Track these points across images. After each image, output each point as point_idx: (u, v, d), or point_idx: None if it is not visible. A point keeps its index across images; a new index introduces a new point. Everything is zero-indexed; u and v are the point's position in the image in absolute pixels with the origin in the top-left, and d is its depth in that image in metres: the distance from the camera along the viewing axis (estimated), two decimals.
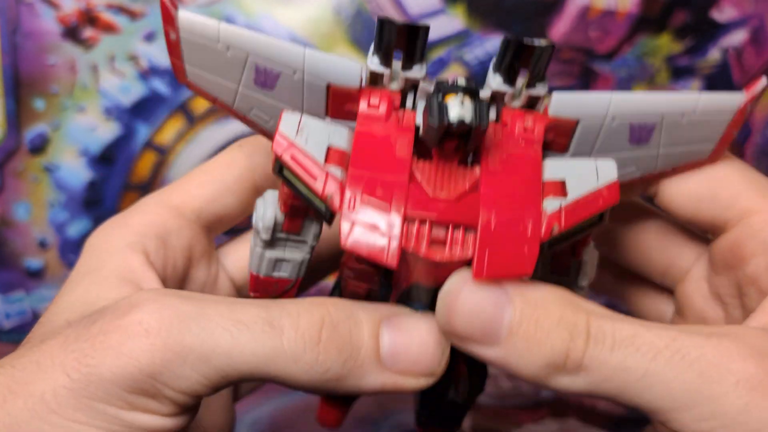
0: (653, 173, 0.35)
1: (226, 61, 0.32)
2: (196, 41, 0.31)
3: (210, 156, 0.74)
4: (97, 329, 0.30)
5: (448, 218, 0.30)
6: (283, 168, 0.31)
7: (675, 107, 0.32)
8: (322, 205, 0.31)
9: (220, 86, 0.32)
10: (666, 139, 0.33)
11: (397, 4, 0.71)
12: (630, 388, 0.29)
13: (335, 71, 0.32)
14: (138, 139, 0.71)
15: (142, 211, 0.39)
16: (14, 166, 0.72)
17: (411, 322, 0.32)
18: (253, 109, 0.33)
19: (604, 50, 0.72)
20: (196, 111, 0.72)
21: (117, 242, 0.37)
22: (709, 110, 0.32)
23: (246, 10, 0.71)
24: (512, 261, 0.29)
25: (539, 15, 0.71)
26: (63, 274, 0.73)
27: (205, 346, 0.29)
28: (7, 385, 0.30)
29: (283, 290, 0.37)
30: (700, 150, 0.34)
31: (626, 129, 0.33)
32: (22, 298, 0.73)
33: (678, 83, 0.72)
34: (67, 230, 0.72)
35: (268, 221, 0.34)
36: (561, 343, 0.30)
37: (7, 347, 0.75)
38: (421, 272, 0.31)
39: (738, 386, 0.28)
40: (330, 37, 0.71)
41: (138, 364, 0.29)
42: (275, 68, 0.31)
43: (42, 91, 0.71)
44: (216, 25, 0.32)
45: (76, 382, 0.29)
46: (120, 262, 0.36)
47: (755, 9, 0.71)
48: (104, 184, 0.72)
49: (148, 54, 0.71)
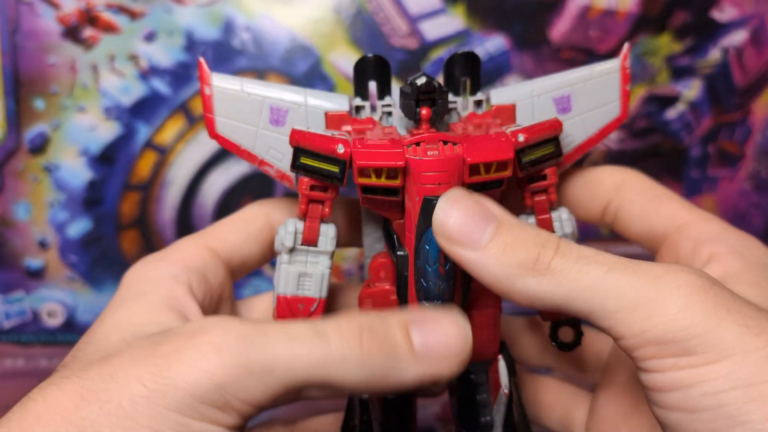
0: (587, 139, 0.44)
1: (248, 106, 0.41)
2: (224, 92, 0.41)
3: (210, 156, 0.74)
4: (169, 348, 0.34)
5: (437, 138, 0.38)
6: (299, 159, 0.38)
7: (579, 77, 0.43)
8: (336, 168, 0.38)
9: (243, 131, 0.41)
10: (583, 105, 0.43)
11: (397, 3, 0.71)
12: (587, 292, 0.34)
13: (329, 102, 0.42)
14: (138, 139, 0.71)
15: (182, 250, 0.43)
16: (14, 166, 0.72)
17: (434, 317, 0.36)
18: (270, 150, 0.42)
19: (605, 50, 0.72)
20: (196, 111, 0.72)
21: (161, 273, 0.41)
22: (602, 72, 0.43)
23: (246, 10, 0.71)
24: (495, 151, 0.37)
25: (539, 15, 0.71)
26: (63, 274, 0.73)
27: (268, 358, 0.33)
28: (79, 393, 0.33)
29: (309, 311, 0.41)
30: (611, 109, 0.44)
31: (551, 102, 0.43)
32: (22, 298, 0.73)
33: (678, 83, 0.72)
34: (67, 230, 0.72)
35: (290, 227, 0.41)
36: (533, 249, 0.35)
37: (7, 347, 0.75)
38: (423, 185, 0.37)
39: (680, 289, 0.33)
40: (330, 37, 0.71)
41: (211, 377, 0.33)
42: (284, 106, 0.41)
43: (42, 91, 0.71)
44: (239, 79, 0.42)
45: (153, 392, 0.33)
46: (165, 291, 0.40)
47: (755, 9, 0.71)
48: (104, 184, 0.72)
49: (148, 54, 0.71)
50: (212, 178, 0.72)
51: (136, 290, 0.40)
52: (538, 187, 0.42)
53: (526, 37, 0.72)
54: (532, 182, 0.42)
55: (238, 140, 0.42)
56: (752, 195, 0.74)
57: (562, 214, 0.43)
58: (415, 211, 0.38)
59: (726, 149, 0.73)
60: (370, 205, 0.40)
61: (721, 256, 0.41)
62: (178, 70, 0.71)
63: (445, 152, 0.37)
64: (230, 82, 0.41)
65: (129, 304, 0.39)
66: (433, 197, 0.37)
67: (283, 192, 0.73)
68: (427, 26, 0.72)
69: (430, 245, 0.37)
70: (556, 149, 0.41)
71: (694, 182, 0.74)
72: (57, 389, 0.34)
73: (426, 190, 0.37)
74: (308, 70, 0.71)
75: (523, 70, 0.72)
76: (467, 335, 0.36)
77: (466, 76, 0.43)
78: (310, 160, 0.39)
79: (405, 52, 0.72)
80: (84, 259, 0.73)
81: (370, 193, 0.38)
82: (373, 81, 0.42)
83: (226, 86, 0.41)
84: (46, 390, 0.34)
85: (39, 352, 0.73)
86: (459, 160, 0.37)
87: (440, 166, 0.37)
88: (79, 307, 0.73)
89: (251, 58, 0.71)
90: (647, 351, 0.33)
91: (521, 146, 0.39)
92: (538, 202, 0.42)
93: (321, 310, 0.42)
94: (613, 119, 0.44)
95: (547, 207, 0.42)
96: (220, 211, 0.73)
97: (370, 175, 0.37)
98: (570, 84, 0.43)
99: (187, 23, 0.70)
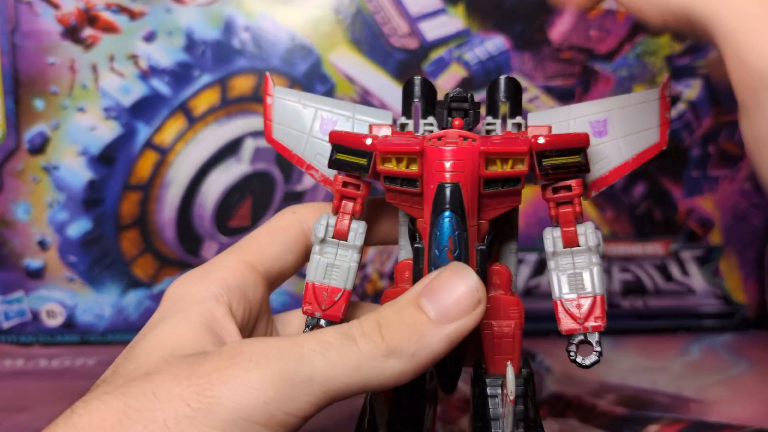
0: (623, 163, 0.44)
1: (302, 116, 0.45)
2: (283, 103, 0.46)
3: (210, 156, 0.74)
4: (210, 367, 0.35)
5: (458, 134, 0.40)
6: (335, 155, 0.41)
7: (616, 103, 0.44)
8: (364, 160, 0.41)
9: (296, 137, 0.45)
10: (619, 130, 0.43)
11: (397, 3, 0.71)
12: None
13: (375, 117, 0.45)
14: (138, 139, 0.71)
15: (223, 266, 0.43)
16: (14, 166, 0.71)
17: (440, 280, 0.37)
18: (317, 155, 0.45)
19: (605, 50, 0.72)
20: (196, 111, 0.72)
21: (202, 292, 0.41)
22: (640, 100, 0.44)
23: (246, 10, 0.71)
24: (510, 144, 0.38)
25: (539, 15, 0.71)
26: (62, 274, 0.73)
27: (306, 369, 0.35)
28: (123, 411, 0.34)
29: (333, 300, 0.43)
30: (649, 135, 0.44)
31: (587, 125, 0.43)
32: (22, 298, 0.73)
33: (679, 83, 0.72)
34: (67, 230, 0.72)
35: (323, 220, 0.43)
36: None
37: (7, 347, 0.75)
38: (439, 172, 0.39)
39: None
40: (330, 37, 0.71)
41: (254, 393, 0.34)
42: (334, 117, 0.45)
43: (42, 90, 0.71)
44: (298, 93, 0.46)
45: (197, 411, 0.34)
46: (205, 311, 0.40)
47: None
48: (104, 184, 0.72)
49: (147, 54, 0.71)
50: (212, 178, 0.72)
51: (177, 308, 0.41)
52: (562, 198, 0.42)
53: (526, 37, 0.71)
54: (555, 193, 0.42)
55: (290, 145, 0.45)
56: (752, 195, 0.74)
57: (588, 228, 0.43)
58: (430, 198, 0.39)
59: (726, 149, 0.73)
60: (395, 200, 0.42)
61: None
62: (178, 70, 0.71)
63: (462, 144, 0.39)
64: (289, 95, 0.46)
65: (169, 322, 0.39)
66: (447, 183, 0.38)
67: (283, 194, 0.73)
68: (427, 26, 0.72)
69: (441, 231, 0.38)
70: (583, 160, 0.41)
71: (695, 182, 0.74)
72: (101, 404, 0.35)
73: (441, 177, 0.39)
74: (308, 70, 0.71)
75: (523, 70, 0.72)
76: (475, 284, 0.37)
77: (506, 99, 0.45)
78: (343, 156, 0.41)
79: (405, 52, 0.71)
80: (84, 259, 0.73)
81: (392, 183, 0.40)
82: (418, 100, 0.45)
83: (285, 97, 0.46)
84: (90, 405, 0.35)
85: (39, 352, 0.73)
86: (475, 152, 0.38)
87: (456, 155, 0.38)
88: (79, 307, 0.73)
89: (251, 58, 0.71)
90: None
91: (541, 148, 0.40)
92: (563, 213, 0.42)
93: (344, 300, 0.43)
94: (652, 145, 0.44)
95: (572, 219, 0.42)
96: (220, 211, 0.73)
97: (392, 162, 0.39)
98: (607, 109, 0.44)
99: (187, 23, 0.70)
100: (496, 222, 0.42)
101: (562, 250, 0.43)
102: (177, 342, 0.38)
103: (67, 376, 0.69)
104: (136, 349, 0.38)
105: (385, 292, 0.43)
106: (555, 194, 0.42)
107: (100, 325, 0.73)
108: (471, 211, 0.39)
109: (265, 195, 0.73)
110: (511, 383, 0.40)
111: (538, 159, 0.40)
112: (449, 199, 0.38)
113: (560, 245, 0.43)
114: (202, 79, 0.71)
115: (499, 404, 0.42)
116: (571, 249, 0.43)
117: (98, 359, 0.71)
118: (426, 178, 0.39)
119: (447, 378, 0.42)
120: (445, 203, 0.38)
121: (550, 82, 0.72)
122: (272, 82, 0.46)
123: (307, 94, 0.46)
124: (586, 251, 0.43)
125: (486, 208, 0.41)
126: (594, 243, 0.42)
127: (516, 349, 0.43)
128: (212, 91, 0.71)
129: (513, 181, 0.39)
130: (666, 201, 0.74)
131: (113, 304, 0.73)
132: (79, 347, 0.74)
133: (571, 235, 0.43)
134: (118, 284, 0.73)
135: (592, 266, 0.42)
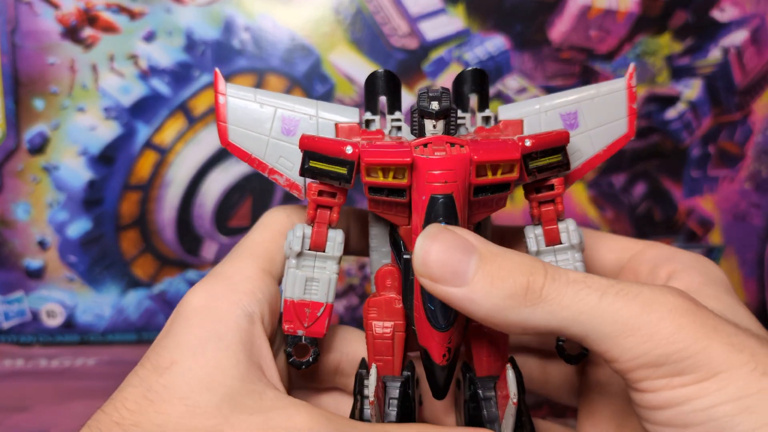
0: (595, 155, 0.44)
1: (260, 116, 0.42)
2: (238, 102, 0.42)
3: (209, 156, 0.74)
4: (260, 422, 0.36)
5: (444, 140, 0.38)
6: (307, 162, 0.39)
7: (585, 95, 0.44)
8: (344, 169, 0.38)
9: (255, 140, 0.42)
10: (590, 121, 0.44)
11: (397, 3, 0.71)
12: (583, 317, 0.34)
13: (340, 114, 0.42)
14: (138, 139, 0.71)
15: (246, 277, 0.42)
16: (14, 166, 0.71)
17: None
18: (280, 158, 0.42)
19: (605, 50, 0.72)
20: (196, 111, 0.72)
21: (234, 309, 0.40)
22: (609, 90, 0.44)
23: (246, 10, 0.71)
24: (501, 151, 0.38)
25: (539, 15, 0.71)
26: (62, 274, 0.73)
27: None
28: None
29: (315, 316, 0.42)
30: (618, 126, 0.44)
31: (558, 118, 0.43)
32: (22, 298, 0.73)
33: (679, 83, 0.72)
34: (67, 230, 0.72)
35: (298, 232, 0.41)
36: (522, 278, 0.35)
37: (7, 347, 0.75)
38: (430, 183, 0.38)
39: (672, 312, 0.34)
40: (330, 37, 0.71)
41: None
42: (296, 116, 0.42)
43: (42, 90, 0.71)
44: (253, 90, 0.42)
45: None
46: (244, 335, 0.40)
47: (756, 9, 0.71)
48: (104, 184, 0.72)
49: (147, 54, 0.71)
50: (212, 178, 0.72)
51: (212, 330, 0.39)
52: (546, 197, 0.42)
53: (526, 37, 0.71)
54: (539, 192, 0.42)
55: (250, 149, 0.42)
56: (752, 195, 0.74)
57: (569, 225, 0.43)
58: (422, 210, 0.38)
59: (726, 149, 0.73)
60: (378, 209, 0.40)
61: (680, 272, 0.43)
62: (178, 70, 0.71)
63: (451, 152, 0.38)
64: (244, 92, 0.42)
65: (209, 352, 0.38)
66: (440, 195, 0.37)
67: (283, 194, 0.73)
68: (427, 26, 0.72)
69: None
70: (564, 159, 0.41)
71: (694, 182, 0.74)
72: None
73: (433, 189, 0.37)
74: (308, 70, 0.71)
75: (523, 70, 0.72)
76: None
77: (474, 92, 0.44)
78: (318, 164, 0.39)
79: (405, 52, 0.71)
80: (83, 259, 0.72)
81: (377, 194, 0.39)
82: (383, 96, 0.43)
83: (239, 96, 0.42)
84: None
85: (38, 352, 0.73)
86: (466, 160, 0.38)
87: (447, 164, 0.37)
88: (79, 307, 0.73)
89: (251, 58, 0.71)
90: (642, 373, 0.34)
91: (528, 151, 0.40)
92: (545, 212, 0.43)
93: (327, 315, 0.42)
94: (621, 136, 0.45)
95: (554, 217, 0.43)
96: (220, 211, 0.73)
97: (378, 173, 0.38)
98: (577, 101, 0.44)
99: (187, 23, 0.70)
100: (479, 224, 0.42)
101: (545, 249, 0.43)
102: (223, 380, 0.37)
103: (67, 376, 0.69)
104: (175, 375, 0.37)
105: (367, 300, 0.42)
106: (538, 194, 0.42)
107: (100, 325, 0.73)
108: (462, 219, 0.38)
109: (265, 195, 0.73)
110: (512, 385, 0.40)
111: (525, 162, 0.40)
112: (443, 210, 0.37)
113: (543, 243, 0.43)
114: (202, 79, 0.71)
115: (493, 406, 0.42)
116: (553, 247, 0.43)
117: (98, 359, 0.71)
118: (416, 187, 0.38)
119: (442, 389, 0.42)
120: (440, 215, 0.37)
121: (550, 82, 0.72)
122: (222, 78, 0.43)
123: (263, 91, 0.42)
124: (568, 248, 0.43)
125: (473, 213, 0.40)
126: (576, 241, 0.43)
127: (504, 353, 0.43)
128: (212, 91, 0.71)
129: (502, 186, 0.39)
130: (666, 201, 0.74)
131: (113, 304, 0.73)
132: (79, 347, 0.74)
133: (554, 233, 0.43)
134: (118, 284, 0.73)
135: (576, 263, 0.43)
